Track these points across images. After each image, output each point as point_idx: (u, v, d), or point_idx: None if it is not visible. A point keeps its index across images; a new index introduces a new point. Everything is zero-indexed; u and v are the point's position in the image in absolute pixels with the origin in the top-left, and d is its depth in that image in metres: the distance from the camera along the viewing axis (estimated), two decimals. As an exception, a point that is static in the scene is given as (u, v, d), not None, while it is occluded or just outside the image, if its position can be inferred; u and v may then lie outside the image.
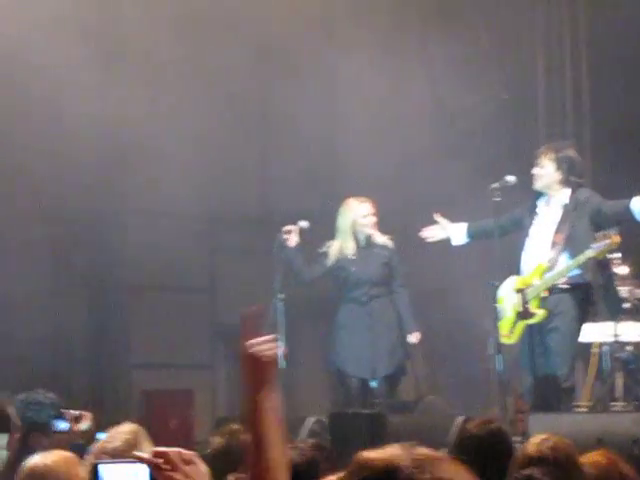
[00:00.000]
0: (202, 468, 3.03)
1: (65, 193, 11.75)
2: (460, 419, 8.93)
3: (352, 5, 12.49)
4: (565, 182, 9.50)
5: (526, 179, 9.74)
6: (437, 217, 9.82)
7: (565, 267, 9.29)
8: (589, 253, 9.16)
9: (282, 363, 9.52)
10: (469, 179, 10.68)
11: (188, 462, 2.98)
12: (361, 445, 6.73)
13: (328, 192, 12.12)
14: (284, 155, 12.54)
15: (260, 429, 3.23)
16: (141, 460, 2.98)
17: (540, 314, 9.26)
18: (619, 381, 10.85)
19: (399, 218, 10.58)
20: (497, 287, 9.46)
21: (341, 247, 10.23)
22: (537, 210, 9.63)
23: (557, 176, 9.48)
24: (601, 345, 10.81)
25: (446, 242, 10.07)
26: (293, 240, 10.11)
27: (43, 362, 11.48)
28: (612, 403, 10.69)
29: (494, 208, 9.46)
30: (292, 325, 10.24)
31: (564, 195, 9.49)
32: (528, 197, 9.71)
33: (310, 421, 9.87)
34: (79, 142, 11.34)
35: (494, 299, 9.45)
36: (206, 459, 3.23)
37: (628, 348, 11.13)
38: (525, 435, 8.30)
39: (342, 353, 10.24)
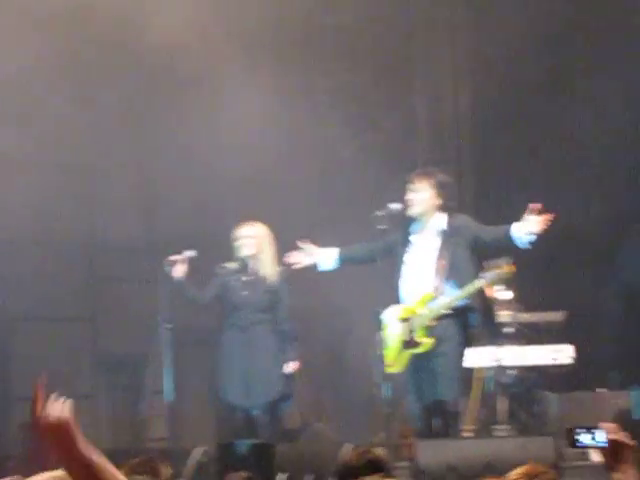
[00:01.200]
0: None
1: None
2: (348, 447, 8.93)
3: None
4: (441, 207, 9.42)
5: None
6: (301, 244, 9.73)
7: (454, 297, 9.20)
8: (479, 283, 9.16)
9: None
10: (353, 206, 10.66)
11: None
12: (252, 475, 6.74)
13: (217, 218, 12.03)
14: (170, 182, 12.44)
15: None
16: None
17: (426, 343, 9.19)
18: (502, 405, 10.98)
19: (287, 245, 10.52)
20: (380, 315, 9.43)
21: (232, 270, 10.22)
22: (411, 237, 9.50)
23: (434, 201, 9.38)
24: (484, 370, 10.94)
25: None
26: (180, 270, 10.04)
27: None
28: (496, 427, 10.81)
29: (379, 235, 9.46)
30: (179, 354, 10.19)
31: (441, 221, 9.41)
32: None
33: (198, 452, 9.82)
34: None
35: (379, 327, 9.43)
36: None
37: (510, 372, 11.29)
38: (413, 461, 8.33)
39: (223, 381, 10.21)
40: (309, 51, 13.05)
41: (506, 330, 11.38)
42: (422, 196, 9.35)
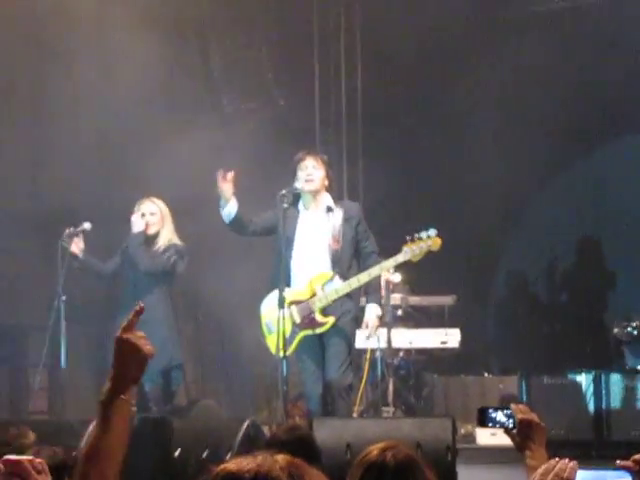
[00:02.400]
0: (49, 477, 2.97)
1: None
2: (247, 422, 8.95)
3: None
4: (329, 188, 9.51)
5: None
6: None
7: (365, 274, 9.15)
8: (401, 257, 9.09)
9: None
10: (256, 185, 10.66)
11: (39, 471, 2.93)
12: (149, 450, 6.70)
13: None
14: (57, 153, 12.28)
15: (112, 418, 3.12)
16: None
17: (329, 321, 9.17)
18: (390, 386, 11.10)
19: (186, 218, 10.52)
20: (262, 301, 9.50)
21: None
22: (298, 215, 9.50)
23: (326, 181, 9.46)
24: (374, 351, 11.02)
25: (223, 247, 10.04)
26: (78, 246, 10.04)
27: None
28: (384, 408, 10.92)
29: (283, 214, 9.50)
30: (70, 326, 10.13)
31: (327, 200, 9.45)
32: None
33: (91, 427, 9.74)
34: None
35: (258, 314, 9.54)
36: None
37: (400, 354, 11.42)
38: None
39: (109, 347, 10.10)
40: (206, 26, 12.99)
41: (397, 313, 11.53)
42: (318, 174, 9.36)
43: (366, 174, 13.24)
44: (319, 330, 9.21)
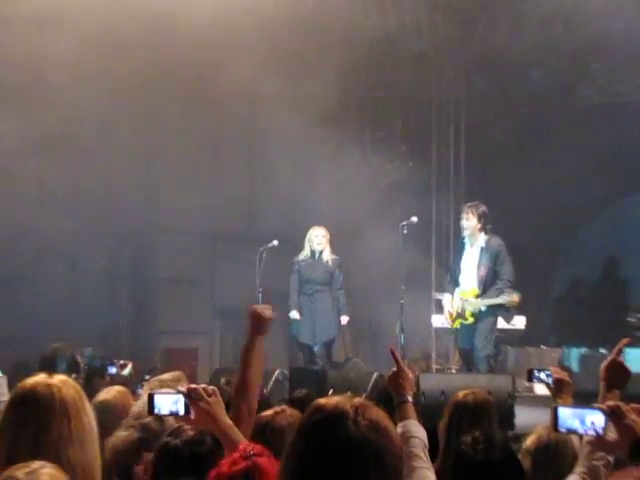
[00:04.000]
0: (219, 399, 3.01)
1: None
2: (375, 375, 9.18)
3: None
4: (482, 229, 9.23)
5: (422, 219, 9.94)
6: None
7: (490, 302, 9.10)
8: (501, 300, 9.10)
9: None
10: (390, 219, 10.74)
11: (210, 394, 2.98)
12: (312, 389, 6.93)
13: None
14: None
15: (249, 357, 3.33)
16: (179, 392, 2.98)
17: (471, 320, 9.22)
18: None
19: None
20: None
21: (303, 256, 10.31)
22: (465, 248, 9.39)
23: (478, 225, 9.20)
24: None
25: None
26: None
27: (99, 328, 11.40)
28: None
29: (402, 238, 9.67)
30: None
31: (482, 240, 9.26)
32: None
33: (276, 372, 10.11)
34: None
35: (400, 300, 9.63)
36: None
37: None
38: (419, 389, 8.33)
39: (296, 326, 10.30)
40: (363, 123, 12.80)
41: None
42: (470, 223, 9.22)
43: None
44: (466, 322, 9.31)
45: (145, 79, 10.34)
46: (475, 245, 9.28)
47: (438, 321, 11.07)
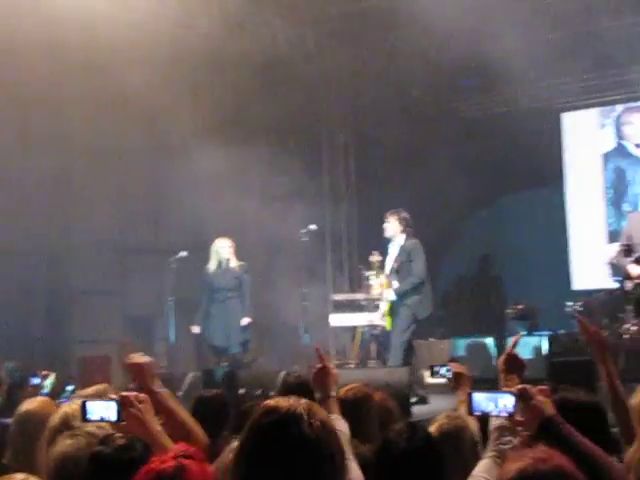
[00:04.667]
0: (149, 406, 2.94)
1: None
2: (283, 373, 9.15)
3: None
4: (403, 232, 9.56)
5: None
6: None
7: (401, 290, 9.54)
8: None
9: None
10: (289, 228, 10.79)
11: (141, 401, 2.92)
12: (226, 389, 6.79)
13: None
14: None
15: (165, 412, 3.19)
16: (112, 399, 2.91)
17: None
18: (373, 348, 11.19)
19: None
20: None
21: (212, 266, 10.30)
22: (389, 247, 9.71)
23: (400, 228, 9.54)
24: (362, 327, 11.15)
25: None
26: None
27: (17, 342, 11.05)
28: (369, 361, 11.05)
29: (302, 244, 9.73)
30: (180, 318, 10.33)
31: (402, 239, 9.57)
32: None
33: (189, 375, 9.97)
34: None
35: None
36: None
37: (378, 328, 11.48)
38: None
39: (210, 330, 10.29)
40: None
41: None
42: (391, 225, 9.59)
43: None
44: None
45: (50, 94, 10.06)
46: (395, 244, 9.61)
47: (335, 320, 11.18)
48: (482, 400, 2.66)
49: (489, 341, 11.20)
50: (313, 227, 9.78)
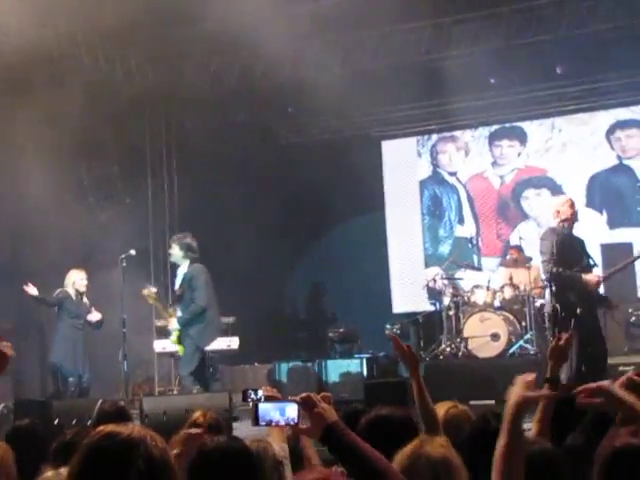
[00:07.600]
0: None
1: None
2: (100, 401, 8.98)
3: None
4: (186, 257, 9.55)
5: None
6: None
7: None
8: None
9: None
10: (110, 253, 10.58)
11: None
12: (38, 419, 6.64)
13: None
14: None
15: None
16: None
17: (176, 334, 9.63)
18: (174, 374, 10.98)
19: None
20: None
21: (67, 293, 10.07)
22: (177, 272, 9.72)
23: (181, 254, 9.54)
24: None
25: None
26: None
27: None
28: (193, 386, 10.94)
29: (122, 270, 9.64)
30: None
31: (185, 266, 9.59)
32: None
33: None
34: None
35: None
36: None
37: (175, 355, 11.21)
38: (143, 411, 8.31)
39: (59, 357, 10.04)
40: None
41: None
42: (174, 251, 9.62)
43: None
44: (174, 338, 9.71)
45: None
46: (180, 271, 9.66)
47: (159, 346, 11.11)
48: (269, 409, 2.65)
49: (310, 365, 11.42)
50: (133, 252, 9.69)
